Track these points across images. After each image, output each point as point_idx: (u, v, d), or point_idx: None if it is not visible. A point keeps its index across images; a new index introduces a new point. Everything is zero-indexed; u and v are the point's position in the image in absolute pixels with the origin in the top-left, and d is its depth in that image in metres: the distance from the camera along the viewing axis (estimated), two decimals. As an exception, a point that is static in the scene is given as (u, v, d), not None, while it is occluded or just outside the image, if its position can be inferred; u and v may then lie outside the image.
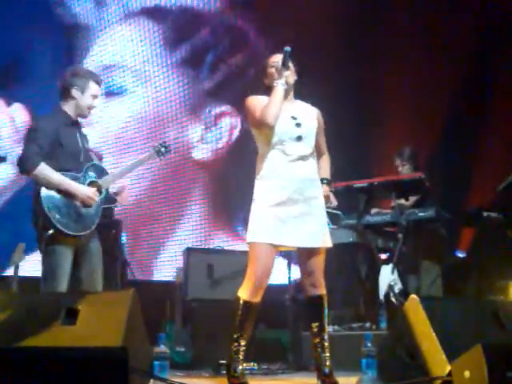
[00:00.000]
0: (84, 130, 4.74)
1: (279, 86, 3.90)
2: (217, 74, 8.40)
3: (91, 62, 8.24)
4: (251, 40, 8.55)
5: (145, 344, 3.36)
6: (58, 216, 4.11)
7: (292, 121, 3.93)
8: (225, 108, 8.15)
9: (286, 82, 3.92)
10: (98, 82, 4.50)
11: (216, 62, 8.42)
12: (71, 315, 3.03)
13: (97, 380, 2.64)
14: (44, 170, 4.12)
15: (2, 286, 5.57)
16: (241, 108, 4.02)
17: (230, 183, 7.94)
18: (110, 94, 8.17)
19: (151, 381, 3.27)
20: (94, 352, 2.70)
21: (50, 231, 4.10)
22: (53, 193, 4.13)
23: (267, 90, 3.98)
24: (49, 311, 3.07)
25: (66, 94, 4.41)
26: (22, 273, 5.56)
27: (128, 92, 8.21)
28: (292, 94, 4.05)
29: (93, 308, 3.05)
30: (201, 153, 8.34)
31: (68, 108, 4.42)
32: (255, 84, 4.10)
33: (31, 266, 6.87)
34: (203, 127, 8.32)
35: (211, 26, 8.52)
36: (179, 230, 8.12)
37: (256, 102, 3.98)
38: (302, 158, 3.90)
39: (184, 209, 8.20)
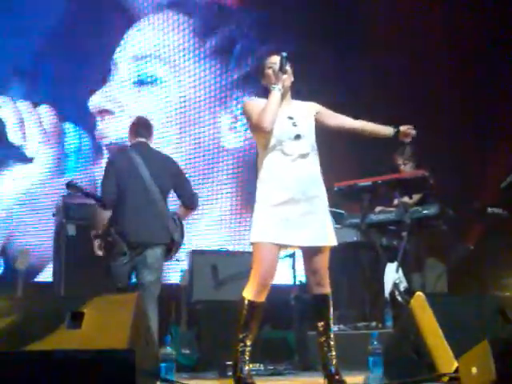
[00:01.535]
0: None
1: (276, 91, 3.90)
2: (244, 65, 8.46)
3: (122, 53, 8.28)
4: (276, 32, 8.64)
5: (151, 346, 3.36)
6: None
7: (289, 121, 3.93)
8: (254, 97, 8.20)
9: (283, 86, 3.94)
10: None
11: (244, 54, 8.48)
12: (77, 319, 3.03)
13: (104, 382, 2.64)
14: None
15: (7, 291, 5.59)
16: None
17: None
18: (141, 83, 8.23)
19: (158, 383, 3.27)
20: (100, 354, 2.70)
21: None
22: None
23: (265, 91, 4.00)
24: (54, 315, 3.07)
25: (148, 136, 5.25)
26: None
27: (159, 82, 8.29)
28: (289, 94, 4.06)
29: (98, 311, 3.05)
30: (230, 141, 8.42)
31: None
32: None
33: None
34: (232, 116, 8.39)
35: (237, 18, 8.59)
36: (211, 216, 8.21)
37: (253, 106, 3.99)
38: (302, 156, 3.89)
39: (213, 199, 8.31)
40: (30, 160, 7.82)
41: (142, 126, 5.29)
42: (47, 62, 8.03)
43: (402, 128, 4.13)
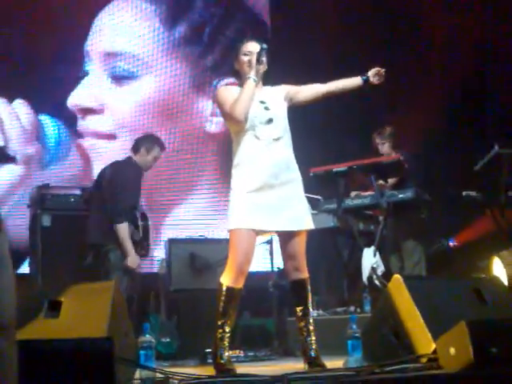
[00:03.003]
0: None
1: (251, 81, 3.91)
2: (217, 47, 8.41)
3: (94, 46, 8.16)
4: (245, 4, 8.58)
5: (129, 334, 3.35)
6: None
7: (261, 105, 3.95)
8: (231, 80, 8.13)
9: (257, 76, 3.94)
10: (162, 148, 5.84)
11: (214, 36, 8.43)
12: (54, 308, 3.01)
13: (83, 371, 2.62)
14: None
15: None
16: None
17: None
18: (117, 78, 8.12)
19: (137, 370, 3.26)
20: (79, 343, 2.69)
21: None
22: None
23: (236, 74, 4.05)
24: (31, 305, 3.05)
25: (136, 150, 5.73)
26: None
27: (135, 76, 8.19)
28: (261, 81, 4.05)
29: (76, 299, 3.03)
30: (214, 126, 8.39)
31: (138, 160, 5.71)
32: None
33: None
34: (212, 101, 8.34)
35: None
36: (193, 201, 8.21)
37: (226, 94, 3.99)
38: (275, 140, 3.90)
39: (196, 183, 8.32)
40: (13, 159, 7.64)
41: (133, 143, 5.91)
42: (15, 52, 7.87)
43: (371, 72, 4.09)
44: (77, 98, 8.02)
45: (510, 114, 7.36)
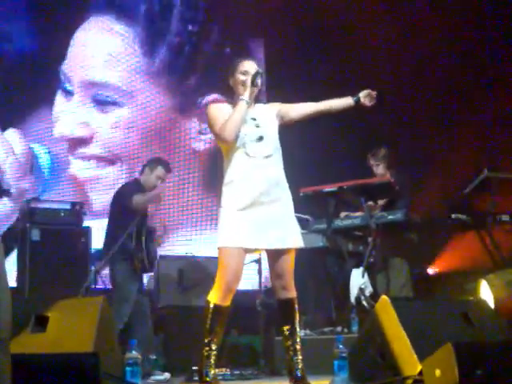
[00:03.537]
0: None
1: (244, 104, 3.93)
2: (197, 66, 8.43)
3: (73, 74, 8.11)
4: (219, 17, 8.61)
5: (116, 350, 3.34)
6: None
7: (252, 122, 3.96)
8: (215, 96, 8.14)
9: (251, 98, 3.97)
10: (166, 168, 5.98)
11: (194, 55, 8.45)
12: (41, 322, 3.00)
13: (68, 386, 2.62)
14: None
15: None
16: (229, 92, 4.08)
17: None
18: (101, 104, 8.10)
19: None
20: (64, 358, 2.68)
21: None
22: None
23: (228, 90, 4.05)
24: (17, 319, 3.03)
25: (141, 171, 6.00)
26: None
27: (118, 103, 8.18)
28: (253, 100, 4.06)
29: (63, 314, 3.03)
30: (201, 144, 8.42)
31: (142, 180, 5.97)
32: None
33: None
34: (198, 119, 8.34)
35: (177, 17, 8.52)
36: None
37: (217, 113, 3.99)
38: (266, 158, 3.91)
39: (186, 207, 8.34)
40: (8, 192, 7.48)
41: None
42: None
43: (362, 93, 4.11)
44: (63, 128, 7.99)
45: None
